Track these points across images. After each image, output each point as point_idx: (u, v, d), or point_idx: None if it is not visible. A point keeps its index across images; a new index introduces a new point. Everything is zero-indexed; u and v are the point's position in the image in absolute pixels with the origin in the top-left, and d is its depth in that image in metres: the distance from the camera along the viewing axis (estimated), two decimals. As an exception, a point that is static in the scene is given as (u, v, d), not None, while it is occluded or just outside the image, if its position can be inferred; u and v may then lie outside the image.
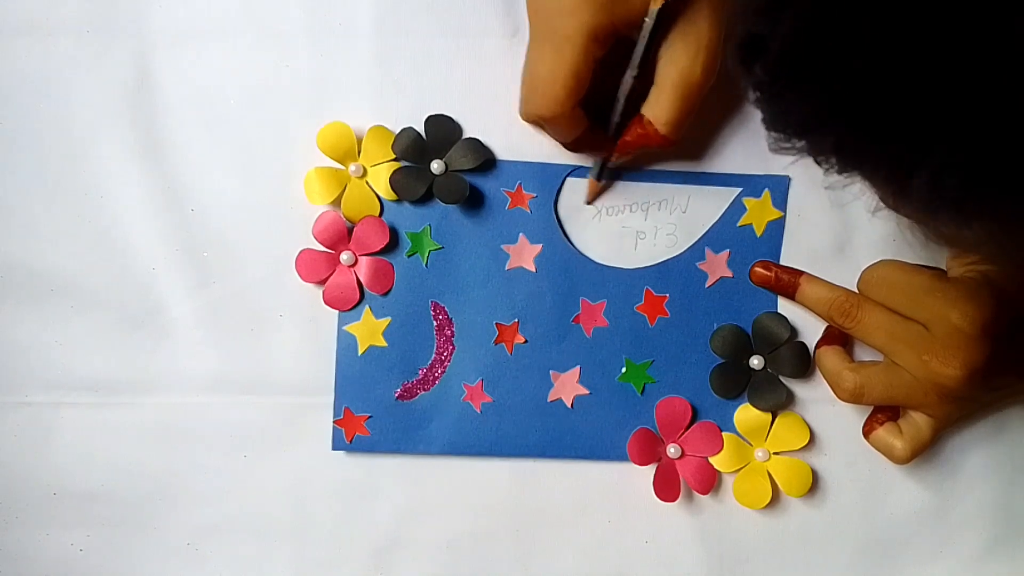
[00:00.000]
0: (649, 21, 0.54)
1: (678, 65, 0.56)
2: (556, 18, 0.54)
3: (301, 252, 0.63)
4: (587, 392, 0.65)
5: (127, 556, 0.66)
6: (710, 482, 0.64)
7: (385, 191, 0.63)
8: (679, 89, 0.56)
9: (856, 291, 0.61)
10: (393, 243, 0.63)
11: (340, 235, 0.63)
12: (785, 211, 0.64)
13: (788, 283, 0.63)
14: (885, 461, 0.64)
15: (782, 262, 0.64)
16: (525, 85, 0.58)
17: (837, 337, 0.63)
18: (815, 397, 0.65)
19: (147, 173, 0.63)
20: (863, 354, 0.64)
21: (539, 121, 0.59)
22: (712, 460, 0.64)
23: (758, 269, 0.64)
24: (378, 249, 0.63)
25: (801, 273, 0.63)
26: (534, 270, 0.64)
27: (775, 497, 0.64)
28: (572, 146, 0.62)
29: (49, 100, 0.63)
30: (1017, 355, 0.57)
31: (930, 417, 0.60)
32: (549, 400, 0.65)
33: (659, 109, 0.57)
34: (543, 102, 0.56)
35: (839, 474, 0.65)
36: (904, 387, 0.59)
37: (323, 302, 0.63)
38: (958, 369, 0.55)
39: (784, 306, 0.64)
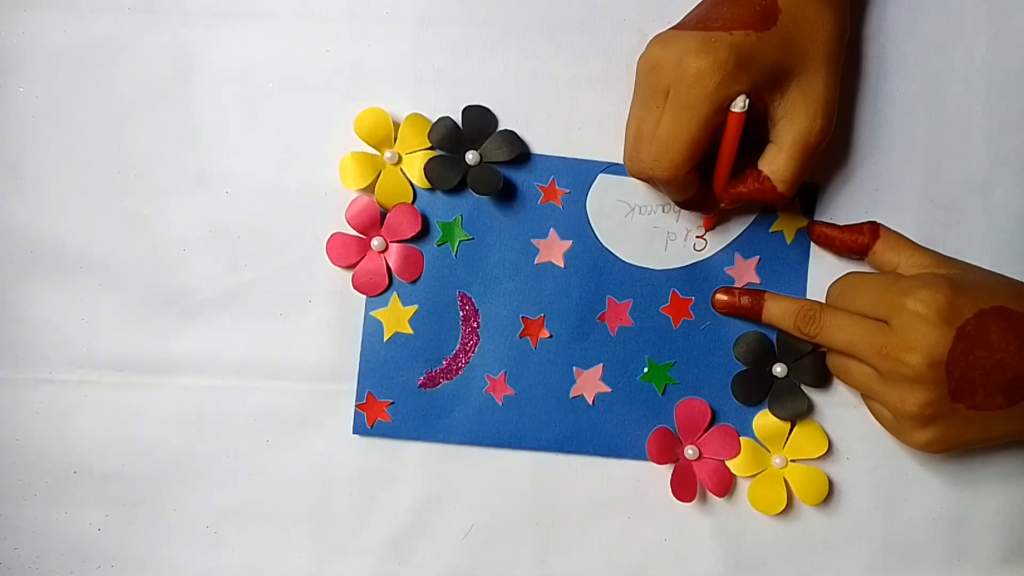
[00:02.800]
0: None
1: (798, 125, 0.57)
2: (678, 85, 0.54)
3: (332, 236, 0.63)
4: (609, 390, 0.65)
5: (145, 537, 0.65)
6: (726, 485, 0.64)
7: (419, 179, 0.63)
8: (798, 148, 0.57)
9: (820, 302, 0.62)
10: (424, 231, 0.64)
11: (373, 221, 0.63)
12: (813, 218, 0.64)
13: (751, 305, 0.63)
14: (904, 469, 0.65)
15: (810, 270, 0.64)
16: (634, 142, 0.58)
17: None
18: (835, 403, 0.65)
19: (182, 153, 0.64)
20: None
21: (651, 180, 0.59)
22: (729, 464, 0.64)
23: (719, 296, 0.64)
24: (409, 236, 0.63)
25: (763, 293, 0.63)
26: (563, 266, 0.64)
27: (793, 502, 0.64)
28: (683, 204, 0.63)
29: (86, 76, 0.64)
30: (1003, 374, 0.56)
31: (892, 412, 0.59)
32: (571, 396, 0.65)
33: (777, 167, 0.58)
34: (659, 165, 0.56)
35: (858, 481, 0.65)
36: (862, 377, 0.59)
37: (352, 287, 0.64)
38: (917, 355, 0.55)
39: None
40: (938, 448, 0.58)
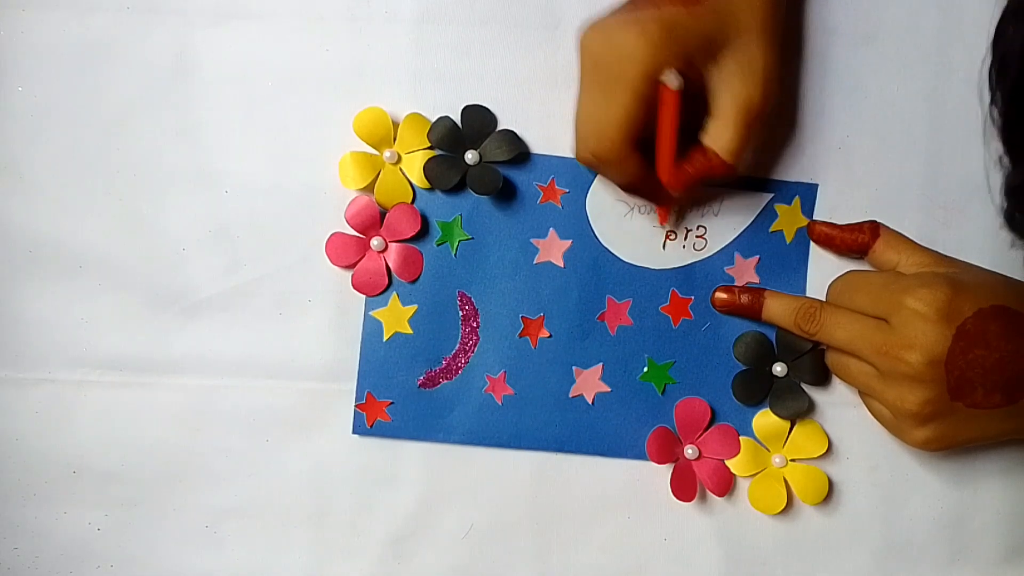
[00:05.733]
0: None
1: (736, 94, 0.56)
2: (609, 62, 0.54)
3: (332, 236, 0.63)
4: (608, 390, 0.65)
5: (144, 537, 0.66)
6: (726, 485, 0.64)
7: (418, 179, 0.63)
8: (740, 117, 0.56)
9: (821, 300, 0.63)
10: (424, 231, 0.64)
11: (372, 220, 0.63)
12: (812, 218, 0.64)
13: (751, 303, 0.63)
14: (905, 468, 0.65)
15: (809, 269, 0.64)
16: (578, 127, 0.58)
17: None
18: (835, 403, 0.65)
19: (181, 152, 0.64)
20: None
21: (594, 163, 0.58)
22: (729, 463, 0.64)
23: (719, 294, 0.64)
24: (409, 236, 0.63)
25: (763, 291, 0.63)
26: (562, 265, 0.64)
27: (793, 502, 0.64)
28: (629, 189, 0.61)
29: (85, 75, 0.64)
30: (1002, 372, 0.56)
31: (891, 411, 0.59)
32: (570, 396, 0.65)
33: (721, 139, 0.57)
34: (596, 145, 0.56)
35: (858, 480, 0.65)
36: (861, 375, 0.59)
37: (351, 287, 0.64)
38: (917, 354, 0.55)
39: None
40: (937, 446, 0.58)
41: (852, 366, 0.60)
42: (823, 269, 0.64)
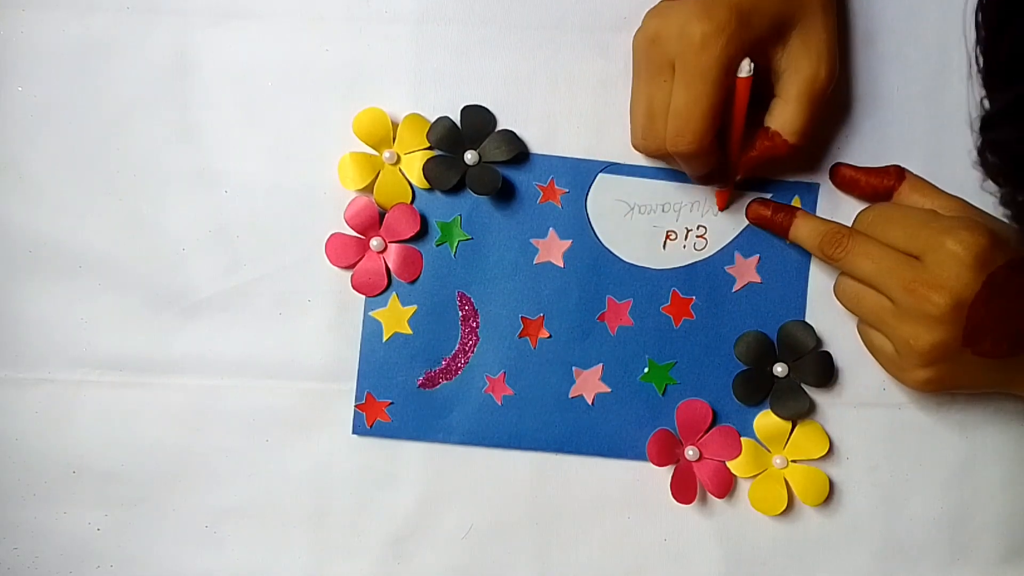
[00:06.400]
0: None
1: (803, 74, 0.56)
2: (684, 54, 0.54)
3: (331, 236, 0.63)
4: (608, 390, 0.65)
5: (144, 537, 0.66)
6: (727, 486, 0.64)
7: (418, 179, 0.63)
8: (806, 97, 0.57)
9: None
10: (423, 231, 0.64)
11: (371, 221, 0.63)
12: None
13: (782, 220, 0.62)
14: (905, 468, 0.65)
15: (811, 268, 0.64)
16: (647, 120, 0.58)
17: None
18: (836, 403, 0.65)
19: (181, 152, 0.64)
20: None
21: (671, 157, 0.58)
22: (729, 464, 0.64)
23: (755, 205, 0.63)
24: (408, 237, 0.63)
25: (797, 211, 0.62)
26: (562, 265, 0.64)
27: (793, 503, 0.64)
28: (703, 179, 0.62)
29: (85, 75, 0.64)
30: (1016, 324, 0.56)
31: (896, 347, 0.58)
32: (570, 396, 0.65)
33: (786, 119, 0.57)
34: (682, 139, 0.55)
35: (858, 481, 0.65)
36: (877, 308, 0.58)
37: (351, 287, 0.64)
38: (946, 295, 0.54)
39: (811, 315, 0.64)
40: (932, 388, 0.58)
41: (868, 298, 0.59)
42: (825, 267, 0.64)
